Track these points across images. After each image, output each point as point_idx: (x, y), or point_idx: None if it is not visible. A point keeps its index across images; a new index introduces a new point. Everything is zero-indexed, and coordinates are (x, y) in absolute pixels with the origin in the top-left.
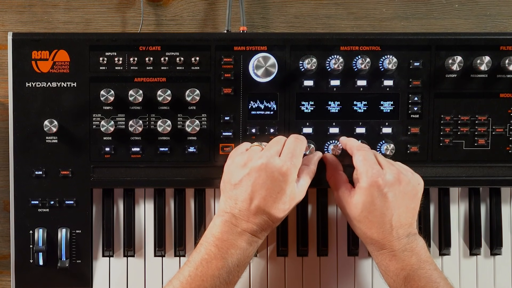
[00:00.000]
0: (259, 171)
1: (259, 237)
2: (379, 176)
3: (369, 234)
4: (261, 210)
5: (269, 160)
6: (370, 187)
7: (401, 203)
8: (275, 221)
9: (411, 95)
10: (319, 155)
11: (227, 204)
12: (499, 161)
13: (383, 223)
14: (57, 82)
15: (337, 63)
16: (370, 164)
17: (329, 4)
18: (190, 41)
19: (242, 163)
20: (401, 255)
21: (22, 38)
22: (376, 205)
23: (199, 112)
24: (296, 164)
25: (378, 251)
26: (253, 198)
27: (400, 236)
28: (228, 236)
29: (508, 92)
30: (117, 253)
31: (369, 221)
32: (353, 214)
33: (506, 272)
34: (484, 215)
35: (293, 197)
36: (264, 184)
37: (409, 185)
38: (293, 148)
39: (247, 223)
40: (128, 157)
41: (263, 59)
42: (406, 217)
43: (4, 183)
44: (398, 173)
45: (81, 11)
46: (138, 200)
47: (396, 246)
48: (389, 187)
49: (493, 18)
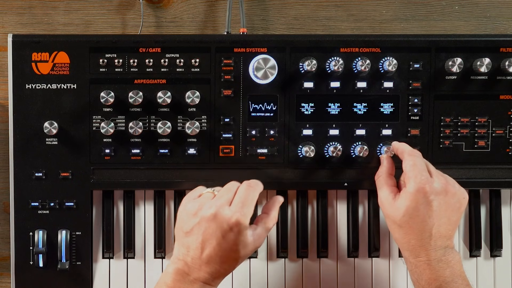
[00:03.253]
0: (208, 221)
1: (212, 285)
2: (427, 183)
3: (407, 240)
4: (213, 259)
5: (218, 210)
6: (416, 192)
7: (444, 213)
8: (228, 269)
9: (411, 97)
10: (280, 200)
11: (180, 251)
12: (499, 163)
13: (423, 231)
14: (57, 84)
15: (337, 65)
16: (420, 170)
17: (329, 6)
18: (190, 43)
19: (193, 211)
20: (435, 266)
21: (22, 40)
22: (420, 212)
23: (199, 113)
24: (247, 214)
25: (413, 258)
26: (204, 248)
27: (437, 247)
28: (180, 285)
29: (508, 94)
30: (117, 255)
31: (409, 226)
32: (395, 217)
33: (506, 274)
34: (484, 216)
35: (247, 246)
36: (214, 234)
37: (455, 197)
38: (244, 197)
39: (199, 272)
40: (128, 159)
41: (263, 61)
42: (447, 229)
43: (4, 184)
44: (446, 183)
45: (81, 13)
46: (138, 202)
47: (432, 256)
48: (435, 196)
49: (493, 20)
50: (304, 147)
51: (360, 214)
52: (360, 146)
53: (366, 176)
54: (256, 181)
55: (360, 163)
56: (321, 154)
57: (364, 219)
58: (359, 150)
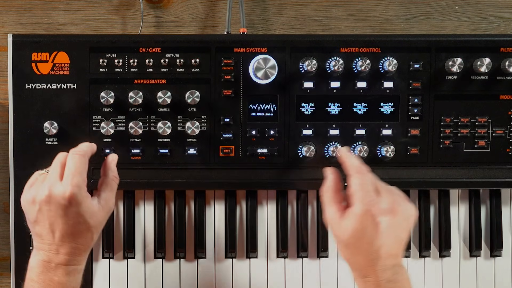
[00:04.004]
0: (47, 204)
1: (76, 264)
2: (374, 205)
3: (354, 260)
4: (66, 239)
5: (51, 189)
6: (363, 214)
7: (392, 234)
8: (86, 243)
9: (411, 97)
10: (114, 159)
11: (36, 241)
12: (499, 163)
13: (371, 252)
14: (57, 84)
15: (337, 65)
16: (367, 190)
17: (329, 6)
18: (190, 43)
19: (31, 199)
20: (384, 286)
21: (22, 40)
22: (366, 233)
23: (199, 113)
24: (79, 184)
25: (361, 278)
26: (54, 231)
27: (386, 267)
28: (45, 276)
29: (508, 94)
30: (117, 255)
31: (356, 247)
32: (342, 237)
33: (506, 274)
34: (484, 216)
35: (94, 214)
36: (57, 215)
37: (402, 216)
38: (73, 168)
39: (58, 257)
40: (128, 159)
41: (263, 61)
42: (394, 248)
43: (4, 184)
44: (393, 203)
45: (81, 13)
46: (138, 202)
47: (381, 276)
48: (382, 217)
49: (493, 20)
50: (304, 147)
51: None
52: (360, 146)
53: None
54: (83, 146)
55: None
56: (321, 154)
57: None
58: (359, 150)
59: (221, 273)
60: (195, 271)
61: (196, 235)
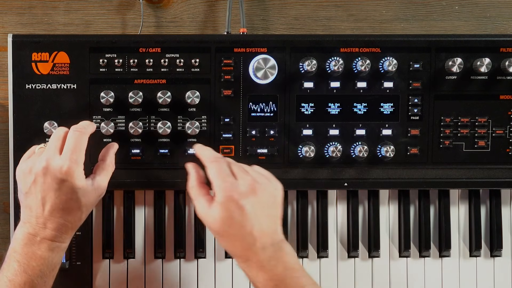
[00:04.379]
0: (43, 176)
1: (61, 242)
2: (233, 190)
3: (233, 247)
4: (55, 213)
5: (48, 162)
6: (225, 202)
7: (261, 212)
8: (74, 221)
9: (411, 97)
10: (115, 147)
11: (24, 214)
12: (499, 163)
13: (245, 236)
14: (57, 84)
15: (337, 65)
16: (223, 177)
17: (329, 6)
18: (190, 43)
19: (27, 170)
20: (267, 265)
21: (22, 40)
22: (235, 219)
23: (199, 113)
24: (78, 160)
25: (244, 263)
26: (45, 204)
27: (265, 246)
28: (28, 248)
29: (508, 94)
30: (117, 255)
31: (230, 235)
32: (214, 228)
33: (506, 274)
34: (484, 216)
35: (87, 193)
36: (50, 188)
37: (266, 193)
38: (73, 144)
39: (44, 231)
40: (128, 159)
41: (263, 61)
42: (269, 226)
43: (4, 184)
44: (253, 182)
45: (81, 13)
46: (138, 202)
47: (262, 256)
48: (245, 199)
49: (493, 20)
50: (304, 147)
51: (360, 214)
52: (360, 146)
53: (366, 176)
54: (84, 124)
55: (360, 163)
56: (321, 154)
57: (364, 219)
58: (359, 150)
59: (221, 273)
60: (195, 271)
61: (196, 235)
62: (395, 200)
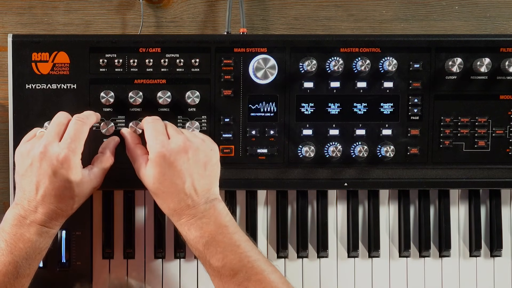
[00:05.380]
0: (40, 161)
1: (50, 227)
2: (164, 147)
3: (167, 205)
4: (47, 199)
5: (46, 148)
6: (156, 158)
7: (193, 170)
8: (65, 209)
9: (411, 97)
10: (116, 141)
11: (18, 195)
12: (499, 163)
13: (177, 192)
14: (57, 84)
15: (337, 65)
16: (156, 135)
17: (329, 6)
18: (190, 43)
19: (25, 152)
20: (198, 223)
21: (22, 40)
22: (166, 176)
23: (199, 114)
24: (76, 150)
25: (178, 221)
26: (39, 188)
27: (197, 203)
28: (17, 230)
29: (508, 94)
30: (117, 254)
31: (162, 192)
32: (149, 186)
33: (506, 274)
34: (484, 217)
35: (81, 183)
36: (46, 173)
37: (198, 151)
38: (73, 132)
39: (35, 214)
40: (128, 159)
41: (263, 61)
42: (202, 184)
43: (4, 184)
44: (185, 141)
45: (81, 13)
46: (138, 202)
47: (193, 213)
48: (175, 156)
49: (493, 20)
50: (304, 147)
51: (360, 214)
52: (360, 146)
53: (366, 176)
54: (87, 114)
55: (360, 163)
56: (321, 154)
57: (364, 219)
58: (359, 150)
59: None
60: (195, 271)
61: None
62: (395, 200)
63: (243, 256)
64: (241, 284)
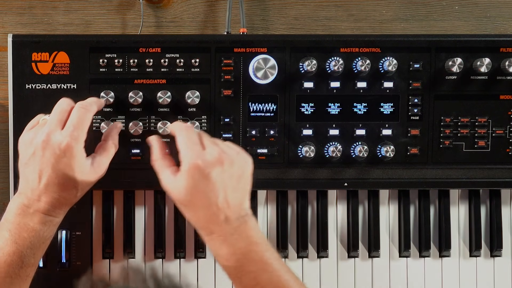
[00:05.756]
0: (42, 149)
1: (54, 216)
2: (199, 158)
3: (197, 218)
4: (50, 188)
5: (49, 136)
6: (191, 169)
7: (227, 183)
8: (69, 198)
9: (411, 97)
10: (118, 127)
11: (21, 184)
12: (499, 163)
13: (209, 206)
14: (57, 84)
15: (337, 65)
16: (191, 146)
17: (329, 6)
18: (190, 43)
19: (28, 141)
20: (230, 239)
21: (22, 40)
22: (199, 188)
23: (199, 113)
24: (78, 138)
25: (208, 236)
26: (42, 177)
27: (229, 219)
28: (21, 219)
29: (508, 94)
30: (117, 255)
31: (193, 204)
32: (179, 198)
33: (506, 274)
34: (484, 216)
35: (85, 172)
36: (48, 162)
37: (234, 164)
38: (76, 120)
39: (38, 203)
40: (128, 159)
41: (263, 61)
42: (234, 198)
43: (4, 184)
44: (220, 153)
45: (81, 13)
46: (138, 202)
47: (225, 229)
48: (211, 168)
49: (493, 20)
50: (304, 147)
51: (360, 214)
52: (360, 146)
53: (366, 176)
54: (90, 101)
55: (360, 163)
56: (321, 154)
57: (364, 219)
58: (359, 150)
59: (222, 273)
60: (195, 271)
61: (196, 235)
62: (395, 200)
63: (274, 275)
64: None
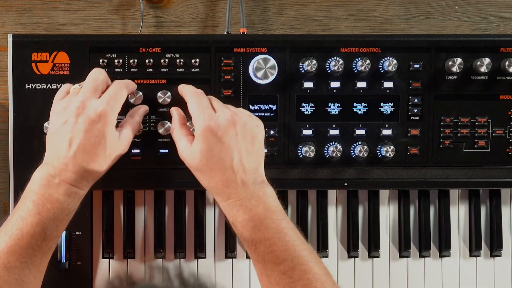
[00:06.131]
0: (76, 116)
1: (79, 188)
2: (211, 120)
3: (213, 183)
4: (79, 155)
5: (84, 103)
6: (204, 132)
7: (241, 146)
8: (96, 169)
9: (411, 97)
10: (145, 108)
11: (48, 154)
12: (499, 163)
13: (225, 169)
14: (57, 84)
15: (337, 65)
16: (202, 109)
17: (329, 6)
18: (190, 43)
19: (61, 110)
20: (247, 204)
21: (22, 40)
22: (214, 151)
23: None
24: (114, 107)
25: (225, 201)
26: (72, 144)
27: (245, 183)
28: (46, 190)
29: (508, 94)
30: (117, 254)
31: (209, 169)
32: (194, 164)
33: (506, 274)
34: (484, 216)
35: (113, 142)
36: (81, 128)
37: (246, 127)
38: (113, 92)
39: (65, 173)
40: (128, 159)
41: (263, 61)
42: (249, 161)
43: (4, 185)
44: (232, 115)
45: (81, 13)
46: (138, 202)
47: (242, 194)
48: (223, 130)
49: (493, 20)
50: (304, 147)
51: (360, 214)
52: (360, 146)
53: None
54: (128, 81)
55: (360, 163)
56: (321, 154)
57: (364, 219)
58: (359, 150)
59: (221, 273)
60: (195, 271)
61: (196, 235)
62: (395, 200)
63: (289, 244)
64: (286, 273)
